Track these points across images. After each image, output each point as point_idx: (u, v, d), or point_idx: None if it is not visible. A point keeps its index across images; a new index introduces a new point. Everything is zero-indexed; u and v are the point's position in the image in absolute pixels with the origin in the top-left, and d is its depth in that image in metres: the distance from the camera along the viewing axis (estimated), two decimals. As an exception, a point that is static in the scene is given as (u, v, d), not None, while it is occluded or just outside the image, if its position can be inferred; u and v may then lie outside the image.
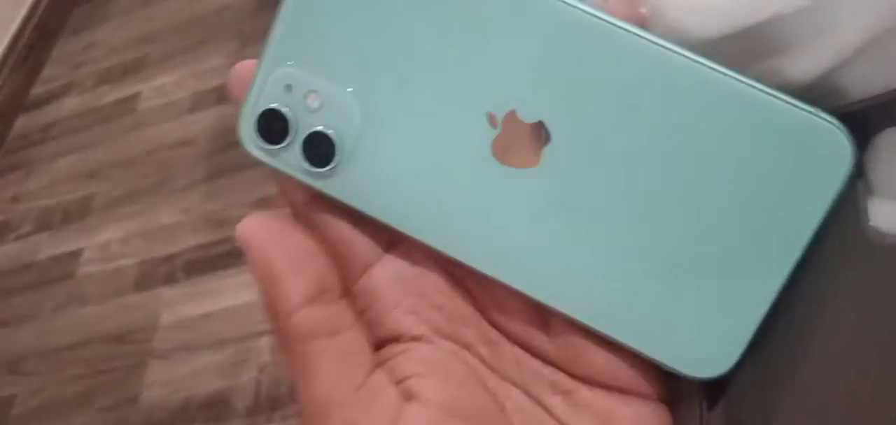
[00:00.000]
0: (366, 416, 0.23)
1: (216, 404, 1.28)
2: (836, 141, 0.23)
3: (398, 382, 0.24)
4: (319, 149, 0.25)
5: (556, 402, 0.26)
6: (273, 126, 0.25)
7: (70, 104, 2.01)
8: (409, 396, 0.23)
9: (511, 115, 0.24)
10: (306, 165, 0.25)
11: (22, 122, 2.04)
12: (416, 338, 0.25)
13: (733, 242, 0.24)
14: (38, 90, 2.10)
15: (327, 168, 0.25)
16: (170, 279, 1.51)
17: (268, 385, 1.26)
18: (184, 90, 1.87)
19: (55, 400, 1.42)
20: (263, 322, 1.33)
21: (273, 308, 0.23)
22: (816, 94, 0.25)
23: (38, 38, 2.17)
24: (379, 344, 0.25)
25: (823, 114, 0.23)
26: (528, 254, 0.25)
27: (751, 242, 0.24)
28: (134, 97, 1.93)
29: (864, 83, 0.25)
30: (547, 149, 0.24)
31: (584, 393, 0.25)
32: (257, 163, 0.25)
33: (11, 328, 1.57)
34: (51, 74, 2.13)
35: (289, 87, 0.25)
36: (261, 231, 0.23)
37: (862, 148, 0.24)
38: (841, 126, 0.23)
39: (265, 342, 1.30)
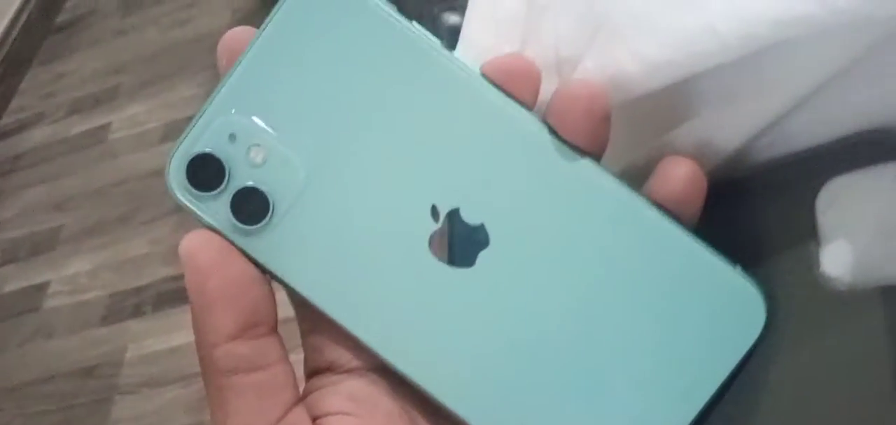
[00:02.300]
0: None
1: None
2: (753, 301, 0.23)
3: (316, 419, 0.24)
4: (250, 206, 0.24)
5: None
6: (206, 171, 0.24)
7: (40, 134, 1.98)
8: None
9: (454, 213, 0.24)
10: (233, 219, 0.24)
11: (-10, 153, 2.01)
12: (349, 371, 0.25)
13: (642, 377, 0.24)
14: (7, 120, 2.07)
15: (255, 227, 0.24)
16: (137, 312, 1.48)
17: (235, 421, 1.23)
18: (155, 120, 1.85)
19: (20, 436, 1.39)
20: (231, 356, 1.30)
21: (199, 335, 0.23)
22: (763, 143, 0.25)
23: (9, 67, 2.14)
24: (316, 371, 0.25)
25: (745, 275, 0.24)
26: (446, 358, 0.24)
27: (658, 381, 0.24)
28: (104, 127, 1.91)
29: (810, 132, 0.25)
30: (483, 254, 0.24)
31: None
32: (179, 208, 0.24)
33: (-24, 363, 1.54)
34: (21, 104, 2.11)
35: (233, 137, 0.24)
36: (201, 252, 0.23)
37: (810, 196, 0.24)
38: (759, 288, 0.23)
39: (233, 377, 1.27)
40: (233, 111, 0.24)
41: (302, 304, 0.24)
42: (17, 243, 1.74)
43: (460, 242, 0.24)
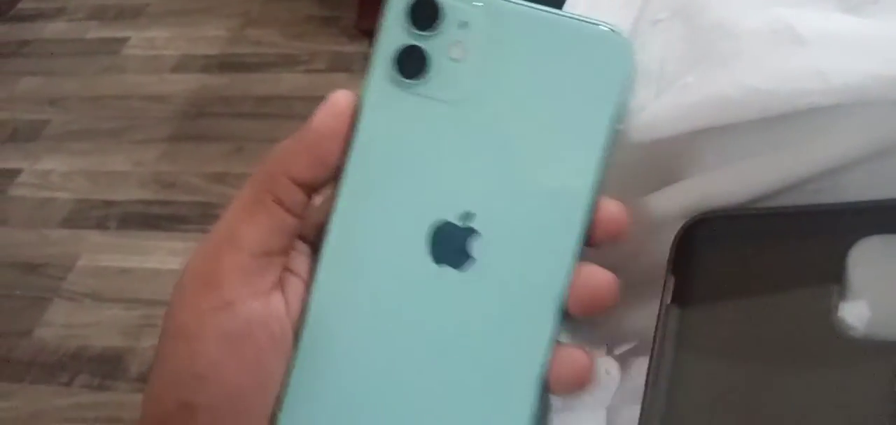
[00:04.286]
0: (249, 278, 0.26)
1: (109, 360, 1.20)
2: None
3: (287, 269, 0.27)
4: (413, 64, 0.26)
5: None
6: (425, 16, 0.26)
7: (54, 28, 1.93)
8: (284, 288, 0.27)
9: (470, 228, 0.26)
10: (396, 55, 0.26)
11: (-1, 30, 1.96)
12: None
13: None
14: (25, 5, 2.02)
15: (400, 75, 0.27)
16: (101, 225, 1.42)
17: (169, 357, 1.17)
18: (173, 48, 1.81)
19: (-54, 312, 1.32)
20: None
21: (279, 155, 0.26)
22: (817, 186, 0.27)
23: (42, -44, 2.10)
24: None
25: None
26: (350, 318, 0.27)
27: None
28: (121, 41, 1.86)
29: (858, 189, 0.27)
30: (448, 271, 0.27)
31: None
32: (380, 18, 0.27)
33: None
34: (44, -6, 2.06)
35: (464, 25, 0.26)
36: (344, 105, 0.26)
37: (843, 246, 0.27)
38: None
39: (179, 312, 1.21)
40: (482, 9, 0.26)
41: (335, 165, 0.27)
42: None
43: (449, 241, 0.26)
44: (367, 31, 1.74)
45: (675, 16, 0.29)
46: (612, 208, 0.26)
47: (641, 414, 0.26)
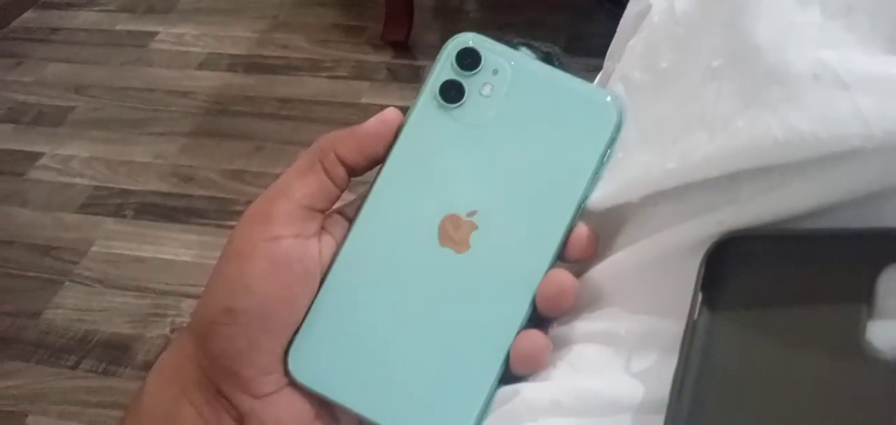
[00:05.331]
0: (295, 222, 0.32)
1: (116, 347, 1.20)
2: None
3: (325, 229, 0.34)
4: (453, 94, 0.34)
5: None
6: (468, 60, 0.34)
7: (84, 18, 1.95)
8: (321, 241, 0.34)
9: (471, 216, 0.33)
10: (441, 85, 0.34)
11: (30, 16, 1.98)
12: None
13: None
14: (58, -8, 2.05)
15: (442, 101, 0.34)
16: (117, 212, 1.43)
17: (176, 348, 1.16)
18: (200, 46, 1.82)
19: (-42, 289, 1.32)
20: (192, 286, 1.27)
21: (334, 135, 0.33)
22: (858, 209, 0.27)
23: (78, -54, 2.12)
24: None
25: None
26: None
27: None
28: (149, 34, 1.88)
29: (893, 217, 0.26)
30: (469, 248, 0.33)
31: None
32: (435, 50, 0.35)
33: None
34: (77, -17, 2.08)
35: (495, 72, 0.34)
36: (392, 119, 0.34)
37: (874, 269, 0.26)
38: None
39: (187, 305, 1.21)
40: (511, 64, 0.34)
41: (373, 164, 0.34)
42: (24, 107, 1.70)
43: (459, 233, 0.33)
44: (391, 42, 1.75)
45: (729, 62, 0.29)
46: (583, 232, 0.32)
47: (664, 426, 0.26)
